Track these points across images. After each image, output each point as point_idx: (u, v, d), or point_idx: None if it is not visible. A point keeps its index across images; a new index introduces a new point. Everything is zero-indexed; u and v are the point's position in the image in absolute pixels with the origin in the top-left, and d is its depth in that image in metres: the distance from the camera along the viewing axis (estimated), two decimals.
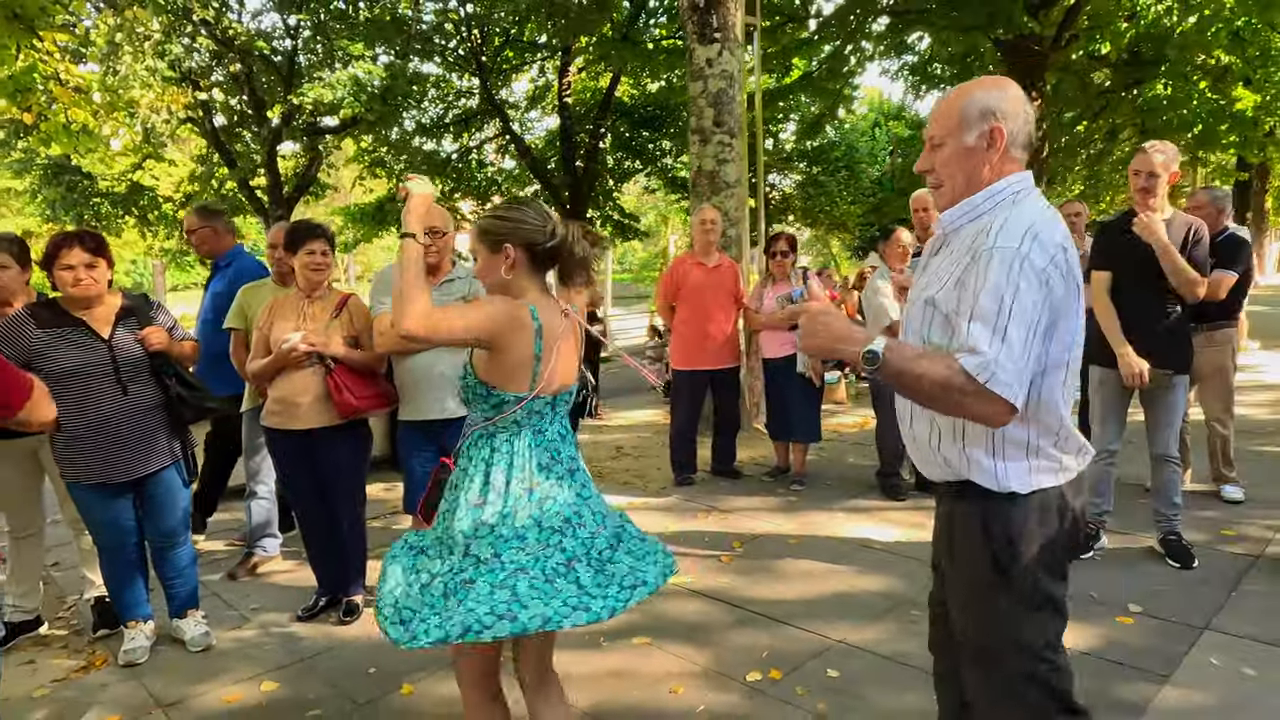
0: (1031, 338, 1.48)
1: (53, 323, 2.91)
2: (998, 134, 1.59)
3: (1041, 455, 1.62)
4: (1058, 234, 1.56)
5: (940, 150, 1.66)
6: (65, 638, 3.50)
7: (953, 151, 1.63)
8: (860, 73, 13.72)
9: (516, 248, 1.98)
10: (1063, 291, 1.53)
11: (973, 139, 1.61)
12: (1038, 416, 1.61)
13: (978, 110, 1.60)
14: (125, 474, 3.01)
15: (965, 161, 1.62)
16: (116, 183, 14.58)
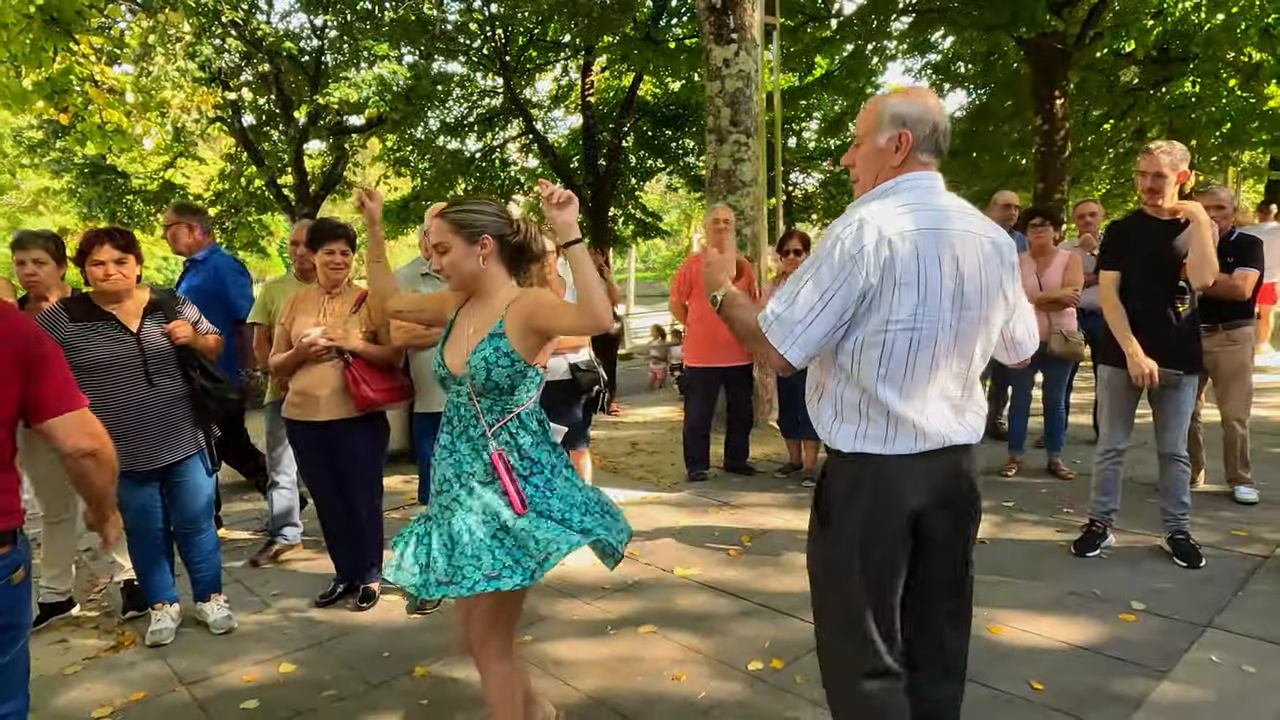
0: (820, 307, 1.70)
1: (84, 316, 3.04)
2: (905, 139, 1.78)
3: (872, 424, 1.78)
4: (896, 227, 1.70)
5: (859, 148, 1.87)
6: (96, 619, 3.65)
7: (867, 150, 1.84)
8: (882, 72, 13.68)
9: (493, 239, 2.18)
10: (876, 280, 1.68)
11: (884, 141, 1.80)
12: (861, 385, 1.77)
13: (890, 116, 1.79)
14: (151, 462, 3.14)
15: (875, 160, 1.83)
16: (149, 181, 14.92)
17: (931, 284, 1.71)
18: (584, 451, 4.55)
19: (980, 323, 1.80)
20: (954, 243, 1.74)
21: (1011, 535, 4.24)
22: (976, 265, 1.77)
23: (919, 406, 1.76)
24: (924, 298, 1.71)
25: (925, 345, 1.74)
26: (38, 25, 6.48)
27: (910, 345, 1.73)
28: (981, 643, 3.07)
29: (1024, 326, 1.98)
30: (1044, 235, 5.16)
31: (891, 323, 1.71)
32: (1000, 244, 1.84)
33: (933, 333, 1.73)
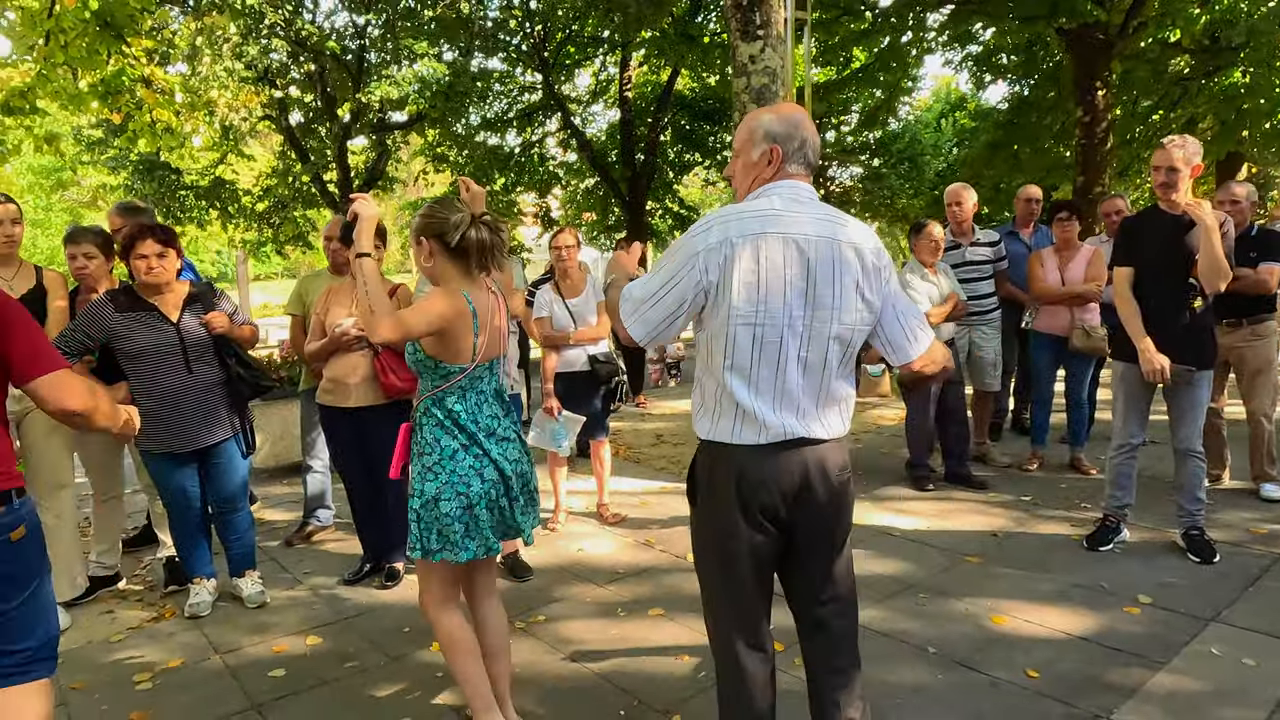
0: (662, 294, 1.85)
1: (129, 307, 3.25)
2: (775, 153, 1.92)
3: (724, 414, 1.89)
4: (738, 230, 1.82)
5: (737, 159, 2.02)
6: (140, 592, 3.89)
7: (743, 163, 1.99)
8: (918, 65, 13.53)
9: (429, 239, 2.32)
10: (716, 277, 1.81)
11: (756, 155, 1.95)
12: (715, 376, 1.89)
13: (763, 133, 1.93)
14: (190, 444, 3.35)
15: (750, 171, 1.98)
16: (201, 177, 15.41)
17: (773, 283, 1.80)
18: (604, 441, 4.67)
19: (833, 323, 1.85)
20: (806, 246, 1.82)
21: (1025, 529, 4.26)
22: (831, 268, 1.83)
23: (766, 400, 1.84)
24: (765, 296, 1.80)
25: (770, 340, 1.82)
26: (93, 29, 6.79)
27: (754, 339, 1.82)
28: (982, 631, 3.14)
29: (902, 330, 1.98)
30: (1069, 230, 5.13)
31: (734, 316, 1.82)
32: (863, 249, 1.88)
33: (778, 329, 1.82)
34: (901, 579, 3.67)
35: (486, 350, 2.36)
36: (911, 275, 4.86)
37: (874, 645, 3.04)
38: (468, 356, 2.31)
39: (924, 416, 5.03)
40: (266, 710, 2.77)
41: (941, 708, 2.63)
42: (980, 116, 17.98)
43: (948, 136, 20.03)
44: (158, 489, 3.55)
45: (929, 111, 21.87)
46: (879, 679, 2.79)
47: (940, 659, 2.94)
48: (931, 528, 4.33)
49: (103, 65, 7.13)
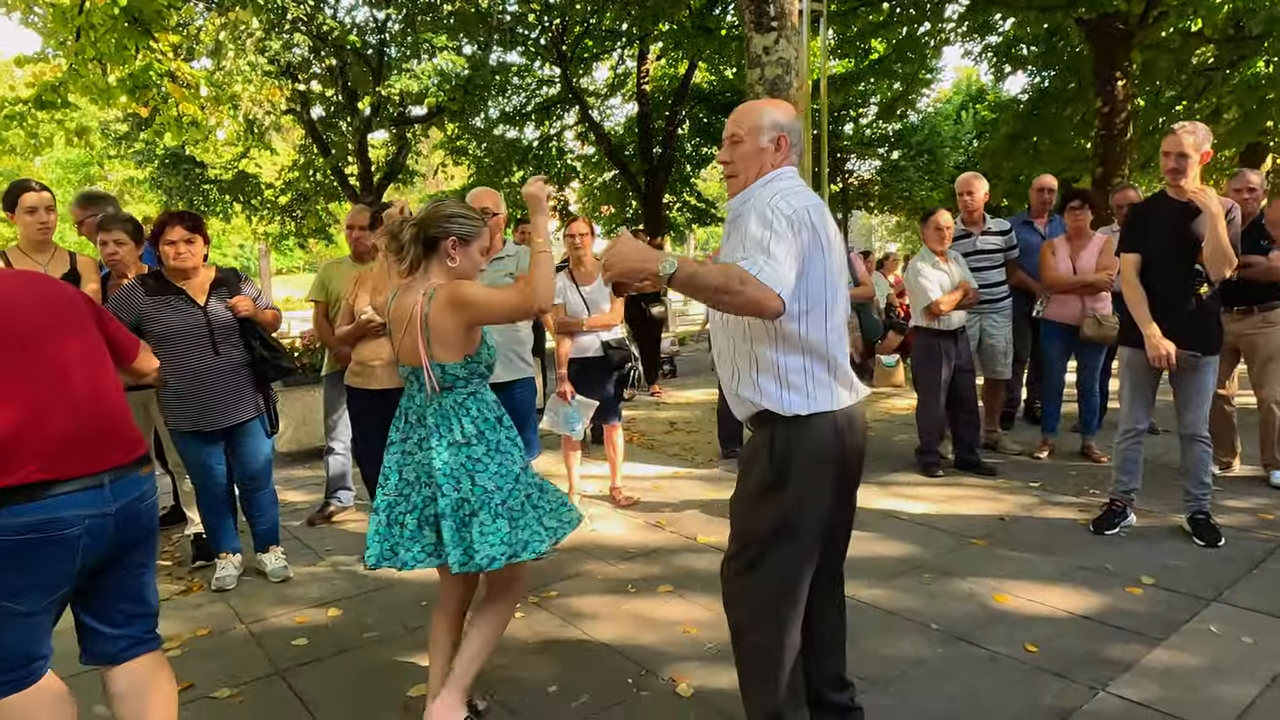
0: (791, 253, 1.84)
1: (158, 291, 3.38)
2: (783, 141, 2.06)
3: (818, 385, 1.98)
4: (804, 200, 1.94)
5: (739, 146, 2.07)
6: (169, 567, 4.04)
7: (749, 149, 2.05)
8: (937, 57, 13.48)
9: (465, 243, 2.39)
10: (809, 238, 1.91)
11: (765, 142, 2.05)
12: (810, 349, 1.97)
13: (770, 123, 2.05)
14: (216, 423, 3.48)
15: (757, 158, 2.05)
16: (225, 171, 15.68)
17: (833, 248, 1.97)
18: (616, 425, 4.76)
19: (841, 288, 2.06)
20: (829, 218, 2.01)
21: (1033, 514, 4.31)
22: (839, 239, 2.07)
23: (842, 362, 2.02)
24: (829, 261, 1.96)
25: (835, 304, 2.00)
26: (121, 25, 6.96)
27: (830, 303, 1.98)
28: (984, 609, 3.20)
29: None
30: (1081, 218, 5.15)
31: (829, 280, 1.96)
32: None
33: (835, 292, 1.99)
34: (907, 560, 3.73)
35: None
36: (922, 263, 4.91)
37: (876, 621, 3.12)
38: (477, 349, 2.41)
39: (934, 404, 5.07)
40: (289, 675, 2.89)
41: (940, 680, 2.70)
42: (1000, 108, 17.87)
43: (967, 129, 19.92)
44: (186, 466, 3.69)
45: (949, 103, 21.74)
46: (879, 653, 2.87)
47: (941, 635, 3.00)
48: (939, 512, 4.39)
49: (131, 60, 7.31)
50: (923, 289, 4.84)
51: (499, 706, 2.62)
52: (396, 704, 2.67)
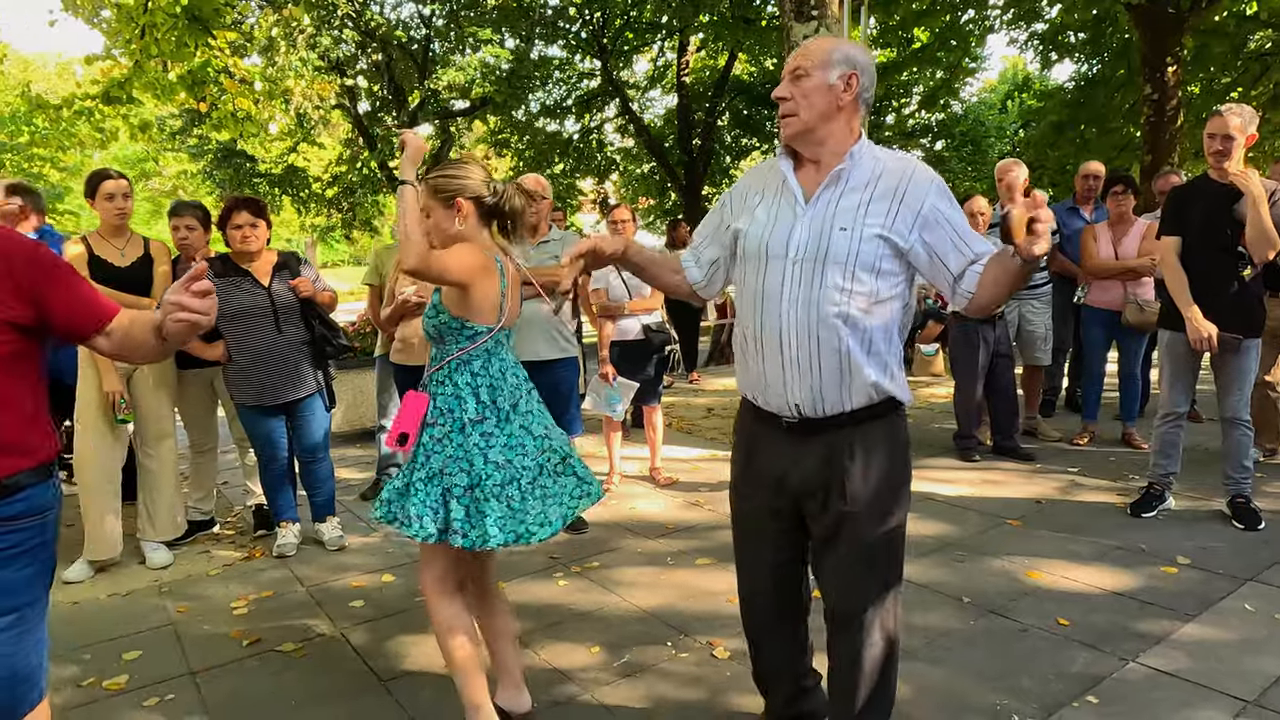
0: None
1: (225, 273, 3.59)
2: (855, 80, 1.79)
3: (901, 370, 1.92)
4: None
5: (803, 81, 1.79)
6: (232, 535, 4.26)
7: (816, 84, 1.78)
8: (981, 44, 13.32)
9: (466, 201, 2.21)
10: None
11: (835, 78, 1.78)
12: (900, 334, 1.88)
13: (842, 56, 1.79)
14: (279, 398, 3.68)
15: (823, 96, 1.78)
16: (274, 165, 16.12)
17: None
18: (656, 407, 4.88)
19: None
20: None
21: (1070, 497, 4.33)
22: None
23: None
24: None
25: None
26: (182, 23, 7.26)
27: None
28: (1016, 585, 3.26)
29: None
30: (1124, 204, 5.13)
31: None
32: None
33: None
34: (940, 538, 3.80)
35: (509, 315, 2.25)
36: None
37: (907, 594, 3.19)
38: (494, 317, 2.20)
39: (971, 389, 5.11)
40: (348, 633, 3.06)
41: (970, 649, 2.77)
42: (1046, 96, 17.56)
43: (1012, 118, 19.61)
44: (249, 439, 3.90)
45: (993, 92, 21.41)
46: (909, 622, 2.94)
47: (973, 607, 3.08)
48: (975, 494, 4.44)
49: (190, 57, 7.61)
50: None
51: (545, 664, 2.76)
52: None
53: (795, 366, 1.82)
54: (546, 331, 3.91)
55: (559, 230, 4.13)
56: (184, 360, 3.90)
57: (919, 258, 1.80)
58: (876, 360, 1.80)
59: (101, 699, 2.64)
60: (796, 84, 1.80)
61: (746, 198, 1.96)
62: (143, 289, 3.75)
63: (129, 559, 3.88)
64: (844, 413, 1.83)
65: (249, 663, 2.87)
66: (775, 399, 1.87)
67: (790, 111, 1.81)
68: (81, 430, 3.73)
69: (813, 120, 1.80)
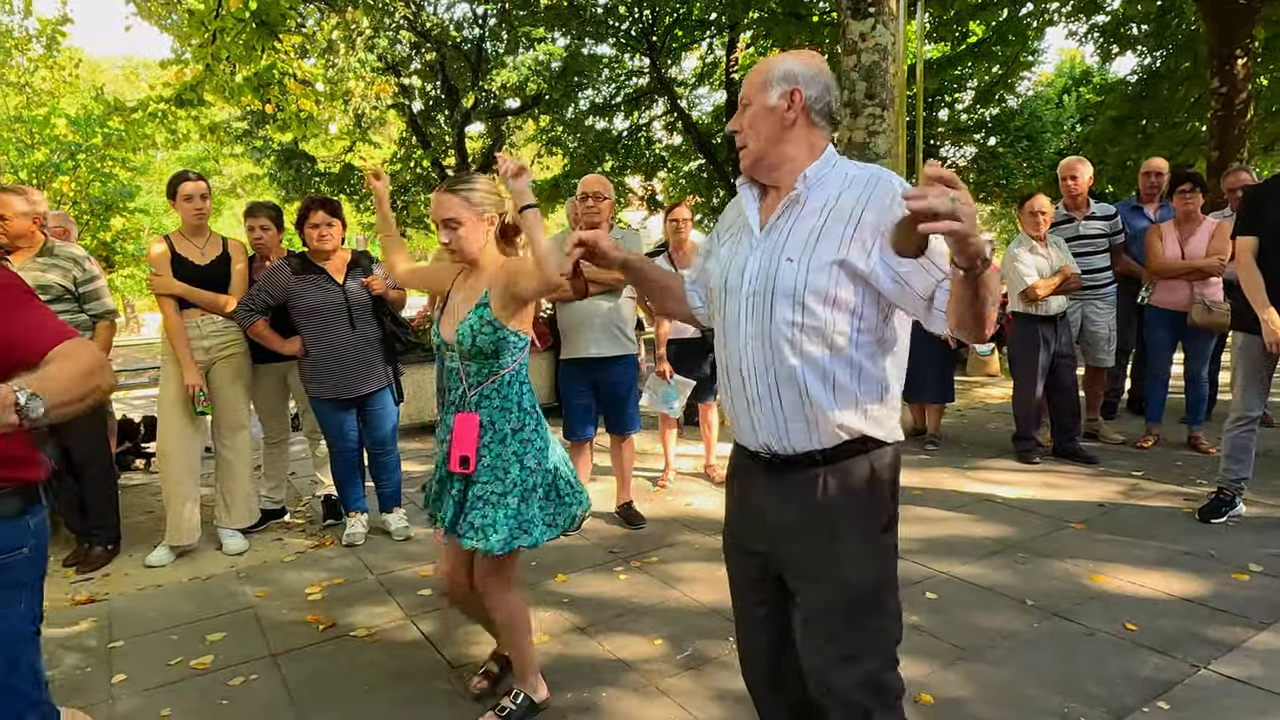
0: None
1: (302, 270, 3.73)
2: (797, 95, 1.66)
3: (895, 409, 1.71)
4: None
5: (747, 110, 1.71)
6: (303, 524, 4.42)
7: (757, 109, 1.69)
8: (1039, 38, 13.04)
9: (497, 217, 2.30)
10: None
11: (775, 99, 1.66)
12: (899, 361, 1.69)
13: (781, 74, 1.67)
14: (351, 392, 3.81)
15: (767, 119, 1.68)
16: (333, 164, 16.51)
17: None
18: (711, 404, 4.93)
19: None
20: None
21: (1134, 501, 4.26)
22: None
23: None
24: None
25: None
26: (250, 28, 7.50)
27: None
28: (1081, 589, 3.23)
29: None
30: (1192, 202, 5.01)
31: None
32: None
33: None
34: (1001, 540, 3.78)
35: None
36: (1019, 249, 4.88)
37: (969, 595, 3.20)
38: (529, 326, 2.31)
39: (1031, 390, 5.04)
40: (417, 620, 3.17)
41: (1034, 651, 2.76)
42: (1106, 90, 17.10)
43: (1070, 113, 19.13)
44: (322, 431, 4.04)
45: (1050, 87, 20.91)
46: (971, 623, 2.95)
47: (1036, 610, 3.06)
48: (1036, 496, 4.39)
49: (257, 60, 7.85)
50: (1019, 274, 4.81)
51: (610, 655, 2.83)
52: None
53: (759, 404, 1.67)
54: (607, 329, 3.97)
55: (620, 229, 4.19)
56: (259, 354, 4.05)
57: (882, 282, 1.56)
58: (844, 397, 1.61)
59: (190, 677, 2.78)
60: (743, 114, 1.71)
61: (720, 232, 1.86)
62: (221, 286, 3.91)
63: (206, 545, 4.05)
64: (816, 450, 1.64)
65: (325, 646, 2.99)
66: (747, 436, 1.74)
67: (741, 143, 1.73)
68: (163, 422, 3.91)
69: (762, 147, 1.70)
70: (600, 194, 3.89)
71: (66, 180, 13.42)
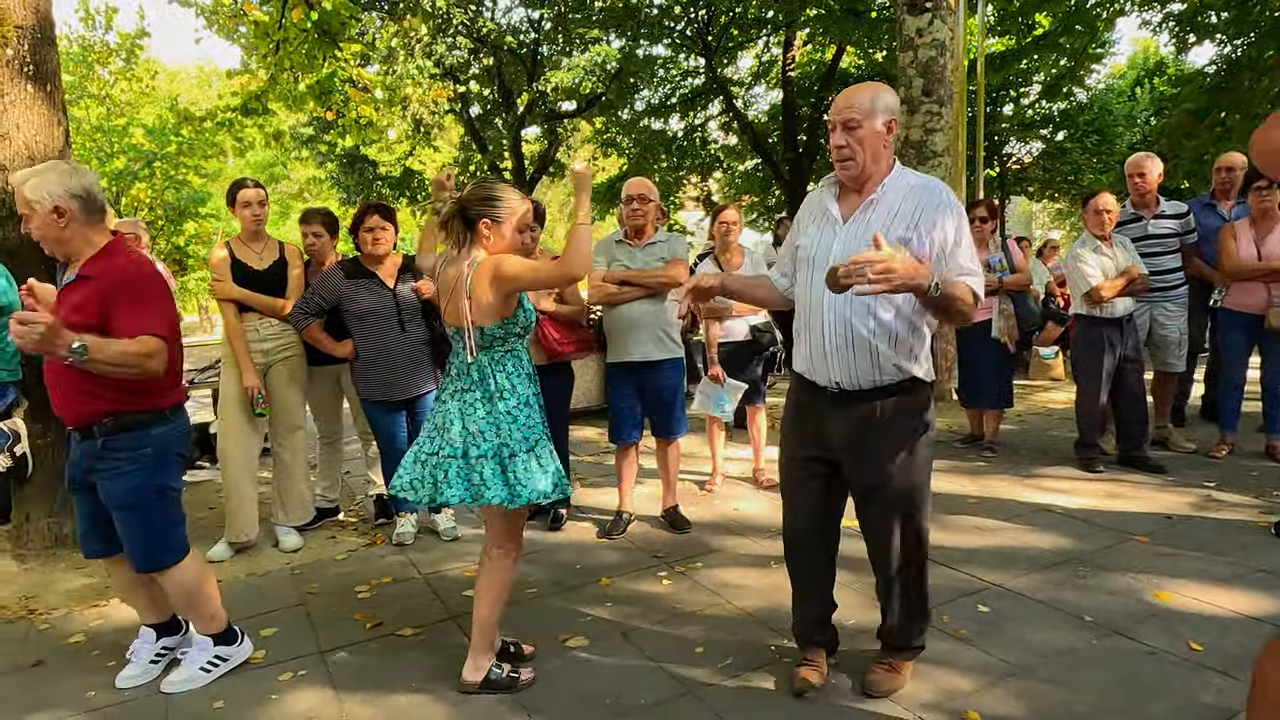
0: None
1: (355, 274, 3.81)
2: (893, 125, 2.24)
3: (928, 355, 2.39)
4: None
5: (857, 130, 2.20)
6: (355, 523, 4.52)
7: (868, 132, 2.20)
8: (1110, 29, 12.57)
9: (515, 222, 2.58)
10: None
11: (880, 125, 2.21)
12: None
13: (884, 105, 2.21)
14: (401, 393, 3.89)
15: (874, 142, 2.21)
16: (393, 168, 16.89)
17: None
18: (760, 408, 4.88)
19: None
20: None
21: (1204, 513, 4.07)
22: None
23: None
24: None
25: None
26: (312, 37, 7.71)
27: None
28: (1143, 605, 3.10)
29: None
30: (1269, 200, 4.77)
31: None
32: None
33: None
34: (1060, 552, 3.64)
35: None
36: (1083, 249, 4.70)
37: (1024, 609, 3.09)
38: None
39: (1095, 394, 4.85)
40: (462, 620, 3.21)
41: (1093, 669, 2.65)
42: (1181, 82, 16.39)
43: (1143, 106, 18.39)
44: (373, 432, 4.12)
45: (1122, 79, 20.16)
46: (1025, 639, 2.85)
47: (1095, 626, 2.94)
48: (1098, 507, 4.23)
49: (319, 68, 8.06)
50: (1082, 275, 4.64)
51: (650, 661, 2.81)
52: (555, 649, 2.91)
53: (836, 352, 2.28)
54: (653, 332, 3.96)
55: (664, 232, 4.18)
56: (314, 357, 4.16)
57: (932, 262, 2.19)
58: (901, 346, 2.27)
59: (244, 671, 2.87)
60: (850, 133, 2.20)
61: (803, 221, 2.44)
62: (279, 290, 4.02)
63: (263, 541, 4.18)
64: (876, 386, 2.28)
65: (372, 644, 3.05)
66: (820, 375, 2.34)
67: (848, 157, 2.23)
68: (223, 423, 4.04)
69: (866, 162, 2.23)
70: (645, 196, 3.89)
71: (143, 187, 14.02)
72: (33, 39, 4.04)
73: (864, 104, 2.19)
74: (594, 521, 4.34)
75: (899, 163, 2.30)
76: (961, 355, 5.53)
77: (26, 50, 4.01)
